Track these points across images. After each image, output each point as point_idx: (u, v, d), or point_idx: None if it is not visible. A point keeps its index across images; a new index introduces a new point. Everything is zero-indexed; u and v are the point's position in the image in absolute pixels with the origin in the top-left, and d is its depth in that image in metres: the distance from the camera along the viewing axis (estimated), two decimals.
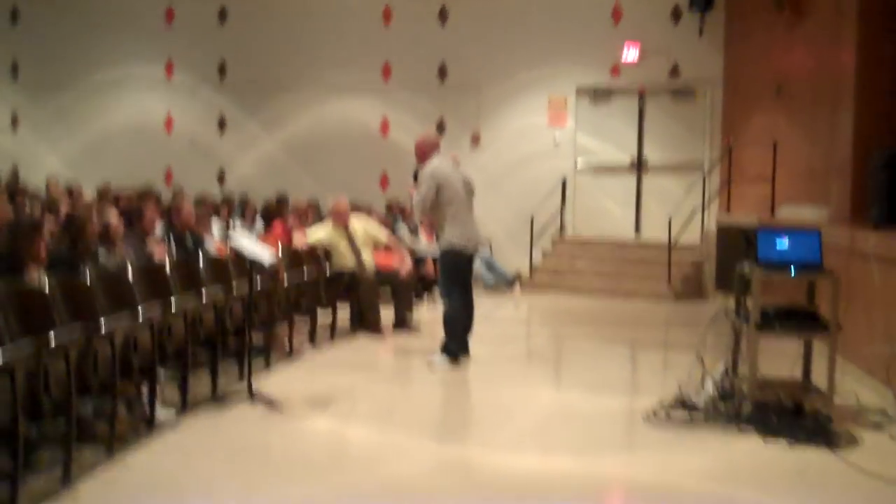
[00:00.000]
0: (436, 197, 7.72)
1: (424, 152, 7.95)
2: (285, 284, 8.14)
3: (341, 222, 9.97)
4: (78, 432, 4.75)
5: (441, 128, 15.32)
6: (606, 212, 14.71)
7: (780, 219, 11.13)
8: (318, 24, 15.70)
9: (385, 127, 15.56)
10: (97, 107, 16.69)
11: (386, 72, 15.51)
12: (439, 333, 8.05)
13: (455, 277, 7.85)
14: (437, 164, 7.85)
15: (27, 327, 4.93)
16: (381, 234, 10.09)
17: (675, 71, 14.44)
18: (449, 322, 7.82)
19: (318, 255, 9.77)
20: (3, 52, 17.13)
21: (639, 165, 14.66)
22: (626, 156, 14.68)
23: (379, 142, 15.54)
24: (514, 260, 14.33)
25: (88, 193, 11.96)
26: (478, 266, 13.59)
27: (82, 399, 4.94)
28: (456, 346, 7.81)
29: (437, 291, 12.21)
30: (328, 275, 9.36)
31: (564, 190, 14.68)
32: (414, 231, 13.00)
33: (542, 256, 14.41)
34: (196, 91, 16.40)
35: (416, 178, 7.98)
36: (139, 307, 6.02)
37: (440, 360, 7.75)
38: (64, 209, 9.66)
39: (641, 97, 14.65)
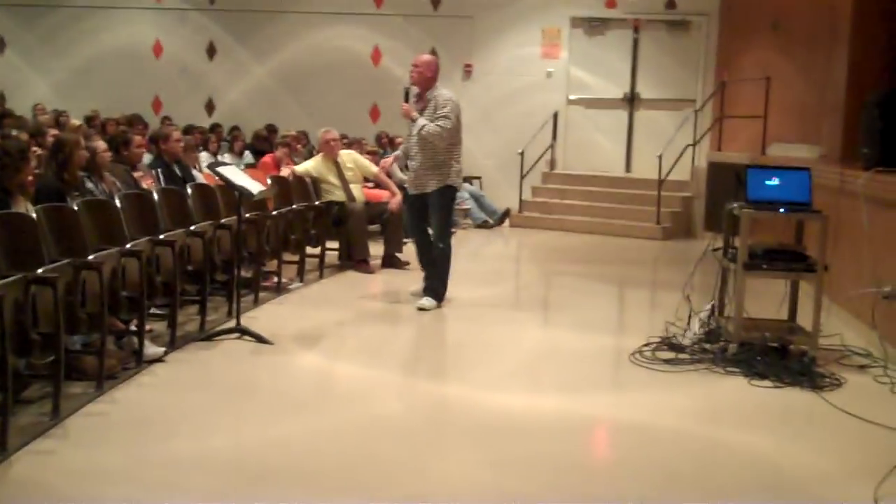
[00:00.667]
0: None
1: (432, 76, 7.56)
2: (274, 215, 8.11)
3: (331, 154, 9.91)
4: (66, 367, 4.77)
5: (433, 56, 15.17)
6: (597, 147, 14.65)
7: (770, 157, 11.10)
8: None
9: (377, 56, 15.38)
10: (85, 31, 16.43)
11: None
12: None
13: (451, 217, 7.83)
14: (450, 93, 7.62)
15: (14, 259, 4.92)
16: (371, 167, 10.04)
17: (671, 2, 14.29)
18: (444, 265, 7.65)
19: (306, 187, 9.73)
20: None
21: (631, 100, 14.57)
22: (619, 90, 14.58)
23: (370, 71, 15.38)
24: (503, 195, 14.28)
25: (76, 122, 11.83)
26: (467, 200, 13.59)
27: (70, 333, 4.94)
28: (444, 289, 7.75)
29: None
30: (316, 207, 9.31)
31: (556, 124, 14.61)
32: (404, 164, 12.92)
33: (532, 192, 14.38)
34: (185, 16, 16.16)
35: (406, 97, 7.55)
36: (127, 239, 6.00)
37: (430, 303, 7.62)
38: (51, 137, 9.55)
39: (636, 29, 14.51)
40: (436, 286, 7.66)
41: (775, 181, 6.24)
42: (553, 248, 12.08)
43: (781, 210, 6.17)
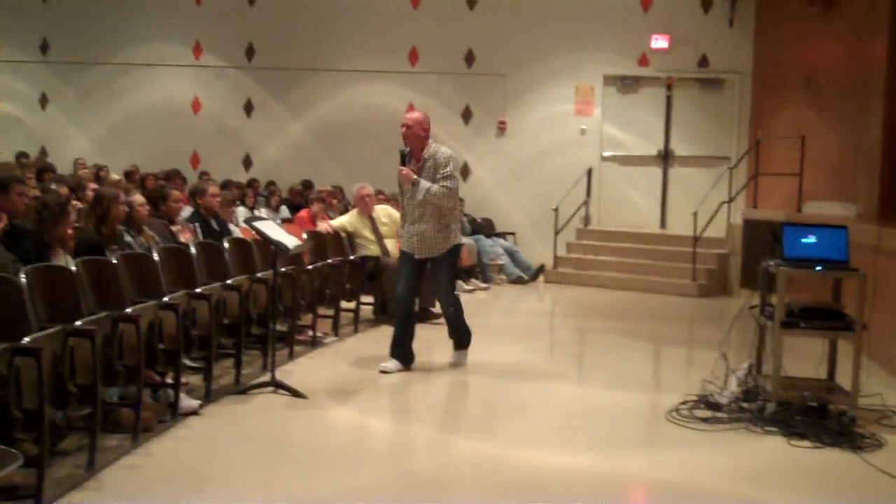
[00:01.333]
0: None
1: (424, 134, 7.28)
2: (309, 269, 8.15)
3: (365, 210, 9.98)
4: (103, 419, 4.79)
5: (467, 115, 15.29)
6: (632, 204, 14.64)
7: (806, 215, 11.04)
8: (347, 8, 15.64)
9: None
10: (125, 87, 16.70)
11: (413, 56, 15.48)
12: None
13: (454, 276, 7.69)
14: (448, 149, 7.42)
15: (53, 311, 4.98)
16: None
17: (703, 61, 14.34)
18: (458, 318, 7.51)
19: (341, 242, 9.79)
20: (33, 28, 17.15)
21: (665, 157, 14.58)
22: (653, 147, 14.60)
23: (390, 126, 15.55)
24: (537, 251, 14.28)
25: (116, 177, 12.01)
26: (501, 255, 13.61)
27: (107, 386, 4.97)
28: (468, 335, 7.61)
29: (461, 281, 12.29)
30: (352, 262, 9.36)
31: (590, 181, 14.63)
32: None
33: (567, 248, 14.38)
34: (223, 73, 16.41)
35: (404, 160, 7.27)
36: (164, 292, 6.06)
37: (460, 356, 7.59)
38: (91, 192, 9.71)
39: (669, 87, 14.56)
40: (461, 337, 7.57)
41: (812, 239, 6.20)
42: (587, 304, 12.04)
43: (818, 268, 6.12)
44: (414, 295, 7.50)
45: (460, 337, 7.59)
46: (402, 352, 7.29)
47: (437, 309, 9.66)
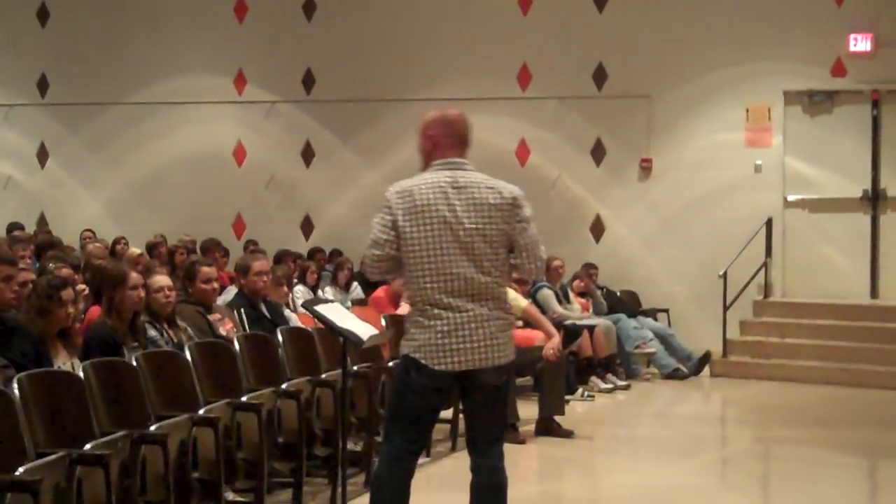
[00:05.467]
0: None
1: (423, 147, 5.71)
2: (391, 367, 8.20)
3: None
4: None
5: (599, 151, 15.29)
6: (830, 265, 14.39)
7: None
8: (435, 18, 15.84)
9: (523, 152, 15.59)
10: (147, 133, 17.01)
11: (524, 78, 15.60)
12: (601, 435, 7.95)
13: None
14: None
15: (56, 431, 5.10)
16: (520, 300, 10.09)
17: None
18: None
19: None
20: (27, 62, 17.50)
21: (874, 199, 14.36)
22: (856, 186, 14.40)
23: (516, 171, 15.51)
24: (700, 334, 14.08)
25: (136, 251, 12.28)
26: (651, 341, 13.48)
27: None
28: None
29: (596, 378, 12.22)
30: None
31: (770, 235, 14.43)
32: (563, 295, 12.98)
33: (741, 328, 14.18)
34: (274, 111, 16.70)
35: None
36: (200, 402, 6.17)
37: None
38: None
39: (876, 104, 14.39)
40: None
41: None
42: (772, 405, 11.83)
43: None
44: (425, 438, 6.06)
45: None
46: None
47: (566, 420, 9.61)
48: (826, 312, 13.87)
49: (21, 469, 4.27)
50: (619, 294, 14.41)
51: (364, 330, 6.74)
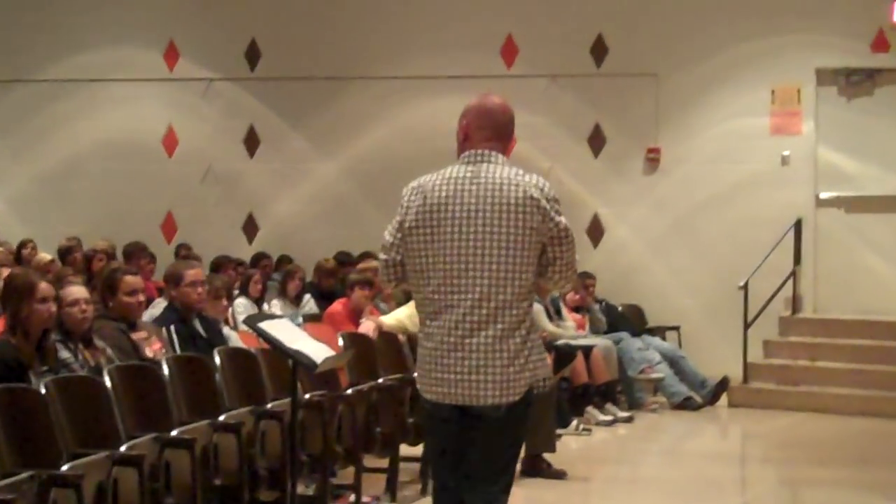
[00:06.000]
0: None
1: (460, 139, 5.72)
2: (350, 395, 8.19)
3: None
4: None
5: (597, 140, 15.32)
6: (870, 275, 14.44)
7: None
8: None
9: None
10: (60, 116, 16.94)
11: (508, 52, 15.61)
12: (598, 476, 7.95)
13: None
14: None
15: None
16: None
17: None
18: None
19: (400, 350, 9.83)
20: None
21: None
22: None
23: None
24: (715, 356, 14.11)
25: (47, 256, 12.22)
26: (658, 364, 13.49)
27: None
28: None
29: (593, 408, 12.22)
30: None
31: (799, 239, 14.48)
32: (555, 310, 12.95)
33: (765, 350, 14.21)
34: (212, 89, 16.66)
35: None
36: (121, 437, 6.13)
37: None
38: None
39: None
40: None
41: None
42: (801, 441, 11.86)
43: None
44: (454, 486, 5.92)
45: None
46: None
47: (556, 459, 9.61)
48: (865, 331, 13.94)
49: None
50: (620, 309, 14.44)
51: (318, 351, 6.74)
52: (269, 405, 7.28)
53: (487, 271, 5.23)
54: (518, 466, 9.13)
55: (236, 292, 11.60)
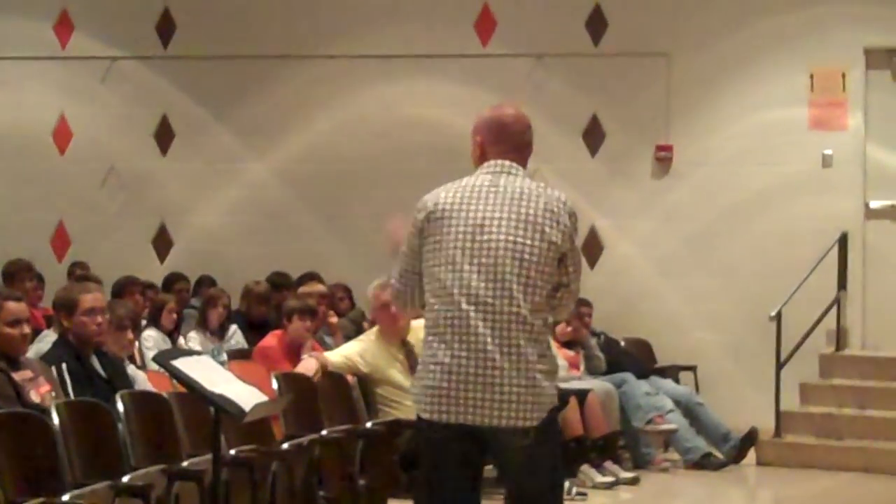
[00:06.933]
0: None
1: (475, 151, 6.46)
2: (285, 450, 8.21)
3: (393, 328, 10.05)
4: None
5: (595, 134, 15.41)
6: None
7: None
8: None
9: None
10: None
11: (484, 26, 15.70)
12: None
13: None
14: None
15: None
16: None
17: None
18: None
19: (349, 394, 9.85)
20: None
21: None
22: None
23: (469, 159, 15.59)
24: (741, 403, 14.21)
25: None
26: (670, 413, 13.53)
27: None
28: None
29: (590, 467, 12.26)
30: (368, 434, 9.39)
31: (845, 258, 14.56)
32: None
33: (802, 395, 14.28)
34: (115, 70, 16.71)
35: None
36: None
37: None
38: None
39: None
40: None
41: None
42: None
43: None
44: None
45: None
46: None
47: None
48: None
49: None
50: (623, 344, 14.51)
51: (246, 396, 6.78)
52: (184, 463, 7.28)
53: (506, 284, 5.65)
54: None
55: (144, 322, 11.63)
